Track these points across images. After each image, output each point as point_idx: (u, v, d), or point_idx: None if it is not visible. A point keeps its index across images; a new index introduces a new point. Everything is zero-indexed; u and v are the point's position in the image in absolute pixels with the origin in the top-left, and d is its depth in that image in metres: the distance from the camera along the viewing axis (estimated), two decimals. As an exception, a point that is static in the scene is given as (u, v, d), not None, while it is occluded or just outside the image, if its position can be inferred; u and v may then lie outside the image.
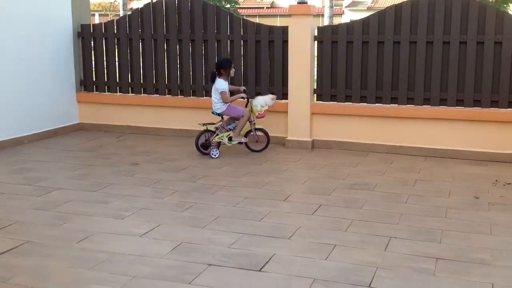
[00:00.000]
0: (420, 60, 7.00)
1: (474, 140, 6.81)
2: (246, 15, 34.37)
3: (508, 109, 6.73)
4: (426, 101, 7.03)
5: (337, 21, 28.61)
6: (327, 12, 22.83)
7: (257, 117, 6.94)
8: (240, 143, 6.95)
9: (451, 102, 6.92)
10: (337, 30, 7.37)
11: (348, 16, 36.62)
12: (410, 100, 7.12)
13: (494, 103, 6.78)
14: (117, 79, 8.53)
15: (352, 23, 7.38)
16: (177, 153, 7.07)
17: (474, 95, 6.83)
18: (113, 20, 8.68)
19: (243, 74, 7.87)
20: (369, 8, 36.53)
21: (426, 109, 7.00)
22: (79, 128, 8.55)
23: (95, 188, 5.50)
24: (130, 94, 8.47)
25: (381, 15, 7.15)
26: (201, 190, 5.44)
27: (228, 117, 6.99)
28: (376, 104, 7.27)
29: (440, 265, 3.73)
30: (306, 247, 4.05)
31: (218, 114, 6.92)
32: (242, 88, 7.09)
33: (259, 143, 7.06)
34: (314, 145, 7.50)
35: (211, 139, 6.88)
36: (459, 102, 6.91)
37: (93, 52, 8.63)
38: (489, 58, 6.72)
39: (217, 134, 6.88)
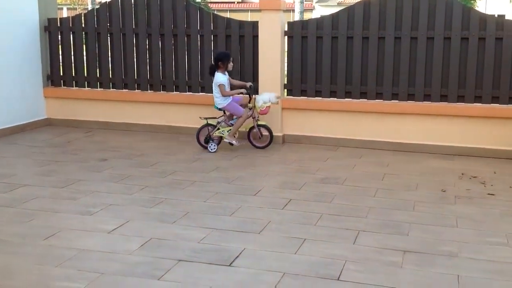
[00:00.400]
0: (388, 56, 7.08)
1: (441, 134, 6.93)
2: (216, 10, 34.23)
3: (474, 104, 6.86)
4: (395, 96, 7.12)
5: (307, 16, 28.74)
6: (297, 8, 22.90)
7: (259, 114, 6.88)
8: (231, 144, 6.85)
9: (419, 97, 7.02)
10: (307, 25, 7.40)
11: (319, 12, 36.78)
12: (379, 95, 7.19)
13: (461, 98, 6.90)
14: (85, 74, 8.41)
15: (322, 19, 7.42)
16: (146, 148, 7.01)
17: (441, 90, 6.93)
18: (80, 14, 8.55)
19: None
20: (339, 4, 36.74)
21: (395, 104, 7.09)
22: (47, 124, 8.40)
23: (63, 184, 5.41)
24: (99, 89, 8.37)
25: (350, 11, 7.20)
26: (171, 186, 5.41)
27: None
28: (346, 99, 7.33)
29: (408, 257, 3.78)
30: (276, 242, 4.06)
31: (219, 109, 6.91)
32: (249, 84, 6.96)
33: (262, 140, 7.01)
34: (285, 140, 7.52)
35: (211, 134, 6.87)
36: (427, 97, 7.01)
37: (60, 46, 8.49)
38: (455, 53, 6.83)
39: (218, 129, 6.86)
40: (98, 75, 8.34)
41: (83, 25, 8.31)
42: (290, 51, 7.52)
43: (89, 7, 26.49)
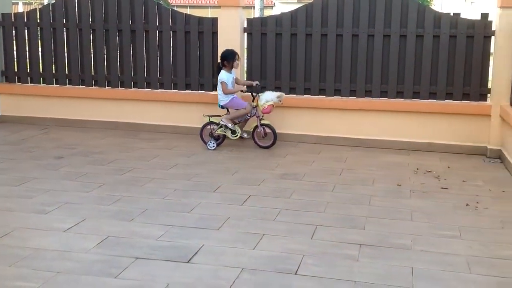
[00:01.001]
0: (346, 53, 7.17)
1: (397, 130, 7.07)
2: (177, 6, 33.96)
3: (429, 100, 7.02)
4: (353, 93, 7.22)
5: (268, 13, 28.82)
6: (258, 4, 22.93)
7: (262, 112, 6.81)
8: (226, 126, 6.80)
9: (376, 93, 7.14)
10: (266, 22, 7.43)
11: (279, 9, 36.91)
12: (337, 92, 7.28)
13: (416, 94, 7.06)
14: (41, 70, 8.24)
15: (281, 16, 7.45)
16: (104, 145, 6.92)
17: (397, 86, 7.07)
18: (36, 8, 8.35)
19: (172, 66, 7.80)
20: (299, 1, 36.95)
21: (353, 101, 7.19)
22: (1, 121, 8.19)
23: (18, 182, 5.29)
24: (55, 85, 8.21)
25: (308, 8, 7.26)
26: (129, 183, 5.35)
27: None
28: (305, 96, 7.39)
29: (364, 250, 3.86)
30: (235, 237, 4.08)
31: (222, 107, 6.89)
32: (255, 82, 6.95)
33: (266, 139, 6.93)
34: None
35: (214, 131, 6.87)
36: (383, 94, 7.14)
37: (15, 42, 8.28)
38: (411, 51, 6.98)
39: (221, 127, 6.83)
40: (54, 71, 8.18)
41: (38, 20, 8.14)
42: (250, 48, 7.54)
43: (45, 1, 25.89)
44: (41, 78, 8.23)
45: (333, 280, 3.41)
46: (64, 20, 8.03)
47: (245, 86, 6.93)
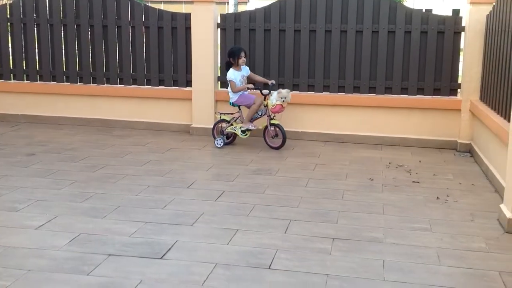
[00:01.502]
0: (319, 49, 7.21)
1: (370, 125, 7.15)
2: (150, 1, 33.67)
3: (401, 95, 7.11)
4: (326, 88, 7.27)
5: (242, 8, 28.76)
6: (232, 0, 22.88)
7: (271, 111, 6.61)
8: (248, 130, 6.72)
9: (349, 89, 7.20)
10: (240, 17, 7.42)
11: (254, 4, 36.87)
12: (311, 87, 7.33)
13: (388, 90, 7.14)
14: (11, 66, 8.10)
15: (255, 11, 7.46)
16: (76, 142, 6.85)
17: (370, 82, 7.14)
18: (5, 4, 8.20)
19: (145, 61, 7.74)
20: (274, -3, 36.94)
21: (326, 96, 7.24)
22: (-30, 118, 8.05)
23: (-13, 180, 5.21)
24: (25, 81, 8.09)
25: (282, 4, 7.27)
26: (101, 180, 5.31)
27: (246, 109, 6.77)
28: (279, 91, 7.41)
29: (336, 244, 3.90)
30: (209, 233, 4.08)
31: (233, 105, 6.77)
32: (271, 81, 6.81)
33: (277, 139, 6.69)
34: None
35: (224, 129, 6.78)
36: (356, 89, 7.20)
37: (-17, 37, 8.14)
38: (383, 46, 7.05)
39: (231, 125, 6.74)
40: (24, 67, 8.06)
41: (8, 16, 8.00)
42: (224, 44, 7.53)
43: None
44: (12, 74, 8.10)
45: (306, 273, 3.44)
46: (35, 15, 7.92)
47: (252, 85, 6.78)
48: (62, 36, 7.91)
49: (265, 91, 6.69)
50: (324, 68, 7.24)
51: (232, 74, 6.68)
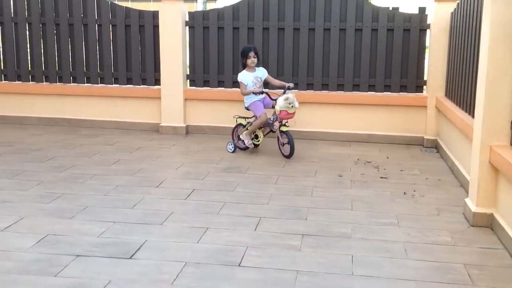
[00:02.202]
0: (288, 47, 7.25)
1: (338, 122, 7.22)
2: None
3: (368, 92, 7.19)
4: (295, 86, 7.29)
5: (211, 6, 28.65)
6: (201, -2, 22.83)
7: (279, 118, 6.12)
8: (243, 142, 6.35)
9: (317, 86, 7.26)
10: (208, 15, 7.41)
11: (222, 2, 36.79)
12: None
13: (356, 87, 7.21)
14: (-26, 65, 7.94)
15: (223, 9, 7.45)
16: (43, 142, 6.74)
17: (338, 79, 7.21)
18: (-33, 1, 8.02)
19: (113, 60, 7.67)
20: (243, -5, 36.92)
21: (295, 94, 7.26)
22: None
23: (-50, 182, 5.09)
24: (-11, 81, 7.93)
25: (250, 2, 7.28)
26: (69, 180, 5.24)
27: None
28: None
29: (306, 240, 3.92)
30: (179, 232, 4.06)
31: (247, 109, 6.42)
32: (288, 84, 6.24)
33: (287, 146, 6.19)
34: (188, 130, 7.52)
35: (240, 134, 6.45)
36: (324, 87, 7.26)
37: None
38: (350, 44, 7.12)
39: (247, 129, 6.35)
40: (-12, 66, 7.91)
41: (-30, 13, 7.82)
42: (192, 42, 7.50)
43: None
44: (-25, 74, 7.94)
45: (276, 270, 3.45)
46: (-2, 13, 7.76)
47: (258, 89, 6.31)
48: (27, 35, 7.77)
49: (276, 96, 6.19)
50: (292, 66, 7.28)
51: (242, 75, 6.33)
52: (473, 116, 4.83)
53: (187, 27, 7.48)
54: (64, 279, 3.27)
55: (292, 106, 5.98)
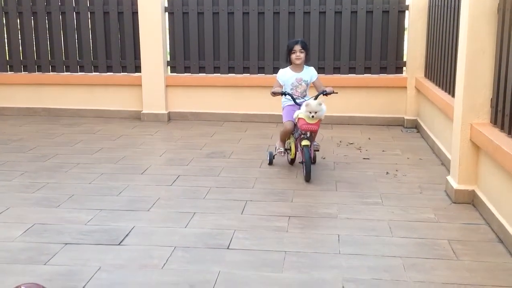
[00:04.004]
0: (268, 31, 7.25)
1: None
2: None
3: (349, 74, 7.24)
4: (276, 70, 7.31)
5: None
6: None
7: (300, 128, 4.93)
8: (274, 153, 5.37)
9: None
10: (188, 1, 7.36)
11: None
12: (261, 70, 7.36)
13: (336, 70, 7.26)
14: (-51, 56, 7.80)
15: (202, -6, 7.42)
16: (23, 133, 6.67)
17: (319, 62, 7.21)
18: None
19: (92, 48, 7.59)
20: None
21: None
22: None
23: None
24: (-34, 71, 7.80)
25: (229, -14, 7.26)
26: (53, 169, 5.21)
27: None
28: (229, 75, 7.43)
29: (292, 222, 3.97)
30: (166, 217, 4.08)
31: None
32: (324, 90, 5.10)
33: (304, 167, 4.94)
34: (170, 117, 7.50)
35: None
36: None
37: None
38: (330, 27, 7.15)
39: (289, 138, 5.28)
40: (-36, 56, 7.77)
41: None
42: (172, 28, 7.46)
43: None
44: (-50, 65, 7.80)
45: (265, 251, 3.50)
46: (-28, 2, 7.62)
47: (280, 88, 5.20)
48: (4, 24, 7.65)
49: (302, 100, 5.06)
50: (273, 50, 7.29)
51: (281, 72, 5.25)
52: (453, 96, 4.91)
53: (167, 13, 7.43)
54: (54, 266, 3.28)
55: (313, 116, 4.78)
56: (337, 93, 5.09)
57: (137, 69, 7.51)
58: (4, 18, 7.64)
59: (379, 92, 7.17)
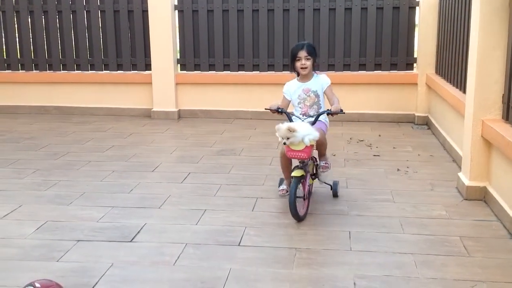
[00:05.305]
0: (278, 28, 7.25)
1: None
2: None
3: (359, 71, 7.21)
4: (285, 67, 7.32)
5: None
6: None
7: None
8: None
9: (308, 67, 7.27)
10: (197, -1, 7.38)
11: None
12: (270, 67, 7.37)
13: (347, 67, 7.24)
14: (-38, 55, 7.87)
15: (212, -8, 7.43)
16: (35, 131, 6.72)
17: (328, 60, 7.22)
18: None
19: (102, 46, 7.63)
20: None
21: (285, 75, 7.29)
22: None
23: None
24: (-22, 70, 7.87)
25: (238, -16, 7.27)
26: (64, 167, 5.24)
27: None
28: (239, 72, 7.43)
29: (304, 219, 3.97)
30: (177, 215, 4.10)
31: None
32: (328, 109, 4.23)
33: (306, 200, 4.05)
34: (181, 115, 7.52)
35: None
36: (315, 67, 7.25)
37: None
38: (340, 24, 7.13)
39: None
40: (-24, 56, 7.84)
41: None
42: (182, 26, 7.48)
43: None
44: (-37, 64, 7.87)
45: (276, 248, 3.50)
46: (-16, 1, 7.68)
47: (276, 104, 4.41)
48: (15, 23, 7.70)
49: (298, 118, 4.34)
50: (283, 48, 7.28)
51: (285, 86, 4.45)
52: (464, 92, 4.88)
53: (176, 11, 7.44)
54: (67, 263, 3.30)
55: (284, 143, 3.90)
56: (344, 113, 4.21)
57: (147, 67, 7.53)
58: (15, 17, 7.69)
59: (390, 89, 7.15)
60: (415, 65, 7.19)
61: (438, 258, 3.33)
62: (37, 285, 2.41)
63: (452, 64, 5.76)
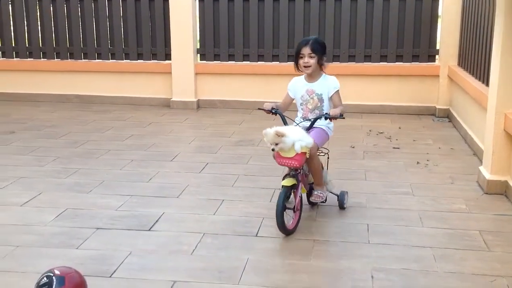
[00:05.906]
0: (298, 18, 7.20)
1: (350, 93, 7.14)
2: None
3: (380, 63, 7.14)
4: (290, 58, 7.25)
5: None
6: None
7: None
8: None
9: (328, 57, 7.18)
10: (217, -12, 7.36)
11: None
12: (290, 57, 7.32)
13: (368, 58, 7.17)
14: (-15, 43, 7.96)
15: (232, -18, 7.40)
16: (55, 119, 6.79)
17: (349, 50, 7.17)
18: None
19: (123, 35, 7.65)
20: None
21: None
22: None
23: (-32, 159, 5.16)
24: (1, 58, 7.95)
25: (259, -27, 7.22)
26: (84, 156, 5.29)
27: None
28: (258, 62, 7.41)
29: (321, 211, 3.96)
30: (195, 204, 4.11)
31: None
32: (327, 113, 3.82)
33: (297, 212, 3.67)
34: (200, 105, 7.53)
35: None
36: (336, 58, 7.22)
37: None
38: (362, 15, 7.05)
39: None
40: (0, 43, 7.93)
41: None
42: (202, 15, 7.47)
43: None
44: (-14, 52, 7.97)
45: (293, 239, 3.50)
46: (7, -10, 7.75)
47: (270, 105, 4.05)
48: (38, 11, 7.77)
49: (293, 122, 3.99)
50: (303, 37, 7.23)
51: (291, 82, 4.07)
52: (487, 85, 4.80)
53: (197, 1, 7.43)
54: (86, 251, 3.34)
55: (273, 149, 3.60)
56: (344, 118, 3.76)
57: (167, 57, 7.55)
58: (38, 5, 7.75)
59: (411, 81, 7.07)
60: (437, 57, 7.10)
61: (457, 252, 3.30)
62: (57, 272, 2.43)
63: (475, 57, 5.67)
